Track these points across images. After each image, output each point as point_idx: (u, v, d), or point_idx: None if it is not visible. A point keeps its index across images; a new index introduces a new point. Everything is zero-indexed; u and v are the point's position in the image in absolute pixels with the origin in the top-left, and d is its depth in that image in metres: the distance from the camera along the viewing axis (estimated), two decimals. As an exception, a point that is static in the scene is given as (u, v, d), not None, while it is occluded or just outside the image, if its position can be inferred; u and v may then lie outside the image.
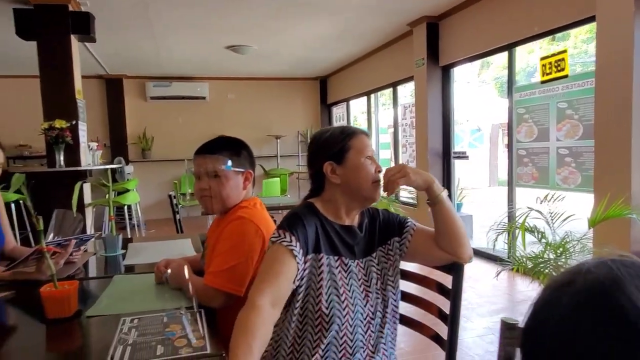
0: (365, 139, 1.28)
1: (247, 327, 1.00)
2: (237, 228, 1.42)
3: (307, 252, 1.18)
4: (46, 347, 1.20)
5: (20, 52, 5.70)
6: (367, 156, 1.25)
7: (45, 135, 4.04)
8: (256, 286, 1.10)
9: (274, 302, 1.08)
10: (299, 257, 1.15)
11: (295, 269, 1.15)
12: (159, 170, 8.29)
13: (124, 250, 2.13)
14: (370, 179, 1.25)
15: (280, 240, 1.16)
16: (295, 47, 6.46)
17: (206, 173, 1.50)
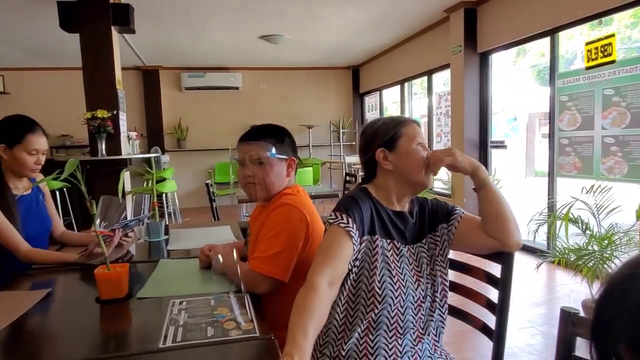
0: (417, 127, 1.32)
1: (305, 308, 1.02)
2: (281, 214, 1.43)
3: (362, 233, 1.21)
4: (100, 326, 1.25)
5: (64, 44, 5.89)
6: (418, 143, 1.28)
7: (88, 124, 4.17)
8: (314, 266, 1.13)
9: (331, 282, 1.10)
10: (355, 238, 1.18)
11: (352, 249, 1.17)
12: (193, 159, 8.45)
13: (166, 236, 2.18)
14: (422, 165, 1.27)
15: (338, 222, 1.19)
16: (328, 36, 6.43)
17: (250, 160, 1.52)
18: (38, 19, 5.00)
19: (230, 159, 8.00)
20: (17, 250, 1.74)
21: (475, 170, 1.27)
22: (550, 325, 2.92)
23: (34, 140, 1.83)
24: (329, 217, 1.22)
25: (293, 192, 1.53)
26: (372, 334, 1.21)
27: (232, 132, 8.50)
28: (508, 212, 1.25)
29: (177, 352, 1.00)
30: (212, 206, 3.67)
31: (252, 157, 1.51)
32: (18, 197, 1.86)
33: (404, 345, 1.22)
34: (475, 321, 1.34)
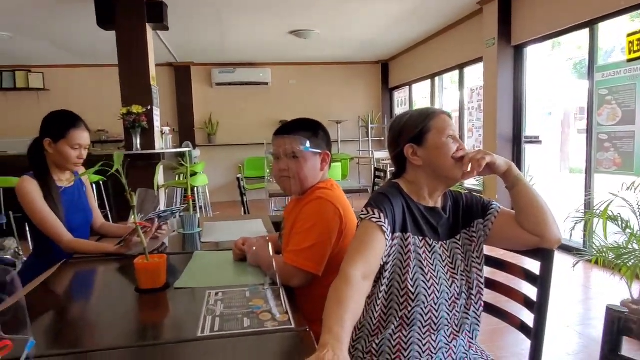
0: (447, 119, 1.27)
1: (340, 299, 1.01)
2: (315, 208, 1.44)
3: (394, 230, 1.20)
4: (139, 315, 1.28)
5: (100, 42, 6.06)
6: (448, 135, 1.24)
7: (124, 120, 4.28)
8: (347, 259, 1.12)
9: (365, 275, 1.10)
10: (387, 234, 1.17)
11: (384, 244, 1.16)
12: (223, 154, 8.57)
13: (200, 229, 2.23)
14: (453, 159, 1.23)
15: (369, 217, 1.18)
16: (358, 31, 6.39)
17: (285, 154, 1.53)
18: (76, 18, 5.16)
19: (265, 153, 8.10)
20: (60, 240, 1.81)
21: (510, 167, 1.23)
22: (587, 325, 2.84)
23: (77, 135, 1.89)
24: (361, 213, 1.21)
25: (327, 186, 1.53)
26: (406, 330, 1.21)
27: (261, 127, 8.59)
28: (545, 206, 1.22)
29: (215, 341, 1.02)
30: (243, 200, 3.71)
31: (287, 151, 1.52)
32: (62, 189, 1.93)
33: (438, 342, 1.21)
34: (512, 319, 1.31)
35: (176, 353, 1.00)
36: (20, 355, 0.87)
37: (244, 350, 1.00)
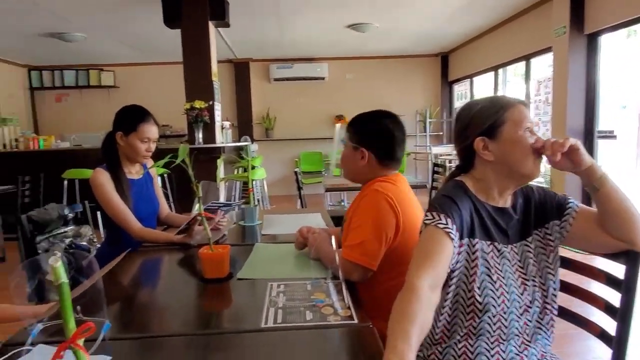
0: (524, 109, 1.14)
1: (405, 312, 0.92)
2: (371, 202, 1.44)
3: (462, 235, 1.10)
4: (204, 304, 1.32)
5: (166, 41, 6.32)
6: (526, 128, 1.12)
7: (187, 115, 4.44)
8: (412, 269, 1.03)
9: (433, 285, 1.00)
10: (455, 240, 1.07)
11: (452, 251, 1.07)
12: (280, 148, 8.69)
13: (260, 221, 2.26)
14: (531, 154, 1.11)
15: (435, 223, 1.08)
16: (417, 23, 6.24)
17: (345, 143, 1.56)
18: (145, 18, 5.40)
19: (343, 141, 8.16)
20: (130, 228, 1.90)
21: (592, 164, 1.09)
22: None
23: (146, 129, 1.98)
24: (425, 218, 1.11)
25: (389, 179, 1.50)
26: (472, 339, 1.12)
27: (317, 121, 8.64)
28: (634, 210, 1.09)
29: (278, 332, 1.02)
30: (300, 194, 3.74)
31: (345, 139, 1.57)
32: (131, 181, 2.03)
33: (507, 352, 1.12)
34: (590, 326, 1.22)
35: (240, 343, 1.01)
36: (97, 336, 0.92)
37: (306, 344, 1.00)
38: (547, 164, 1.14)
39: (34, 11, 5.13)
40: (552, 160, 1.09)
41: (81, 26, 5.85)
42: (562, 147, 1.06)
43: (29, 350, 0.97)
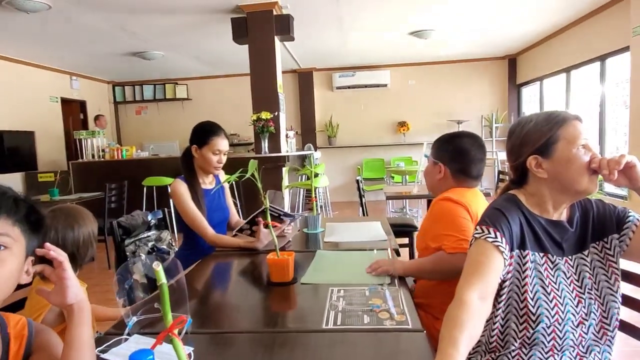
0: (578, 125, 1.13)
1: (454, 320, 0.97)
2: (439, 207, 1.55)
3: (512, 248, 1.13)
4: (271, 305, 1.44)
5: (234, 55, 6.68)
6: (581, 145, 1.10)
7: (254, 125, 4.68)
8: (462, 281, 1.07)
9: (483, 297, 1.04)
10: (505, 253, 1.10)
11: (502, 264, 1.10)
12: (342, 155, 8.82)
13: (322, 229, 2.37)
14: (586, 172, 1.10)
15: (485, 237, 1.11)
16: (482, 26, 6.12)
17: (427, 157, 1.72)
18: (216, 35, 5.78)
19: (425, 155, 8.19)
20: (205, 234, 2.08)
21: None
22: None
23: (217, 142, 2.17)
24: (475, 232, 1.15)
25: (460, 190, 1.60)
26: (526, 348, 1.14)
27: (379, 128, 8.68)
28: None
29: (337, 334, 1.12)
30: (362, 201, 3.82)
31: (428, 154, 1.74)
32: (205, 190, 2.22)
33: None
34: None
35: (304, 342, 1.12)
36: (181, 330, 1.06)
37: (364, 346, 1.08)
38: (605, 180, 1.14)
39: (121, 35, 5.66)
40: (609, 179, 1.08)
41: (160, 45, 6.34)
42: (618, 164, 1.06)
43: (127, 339, 1.14)
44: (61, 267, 0.84)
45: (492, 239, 1.10)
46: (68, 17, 4.83)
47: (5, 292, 0.78)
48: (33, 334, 0.87)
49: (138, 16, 4.95)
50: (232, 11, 4.78)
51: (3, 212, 0.77)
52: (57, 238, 1.33)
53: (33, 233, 0.83)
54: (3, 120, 6.48)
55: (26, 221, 0.81)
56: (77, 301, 0.85)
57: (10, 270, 0.78)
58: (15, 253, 0.79)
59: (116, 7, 4.62)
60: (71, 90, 8.03)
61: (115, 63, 7.40)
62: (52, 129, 7.51)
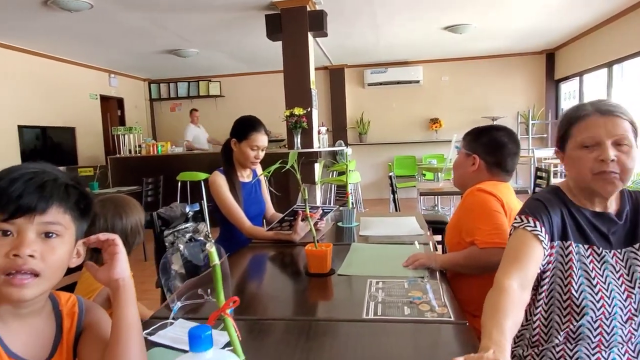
0: (593, 122, 1.09)
1: (496, 307, 0.97)
2: (471, 199, 1.53)
3: (552, 238, 1.13)
4: (309, 295, 1.46)
5: (267, 52, 6.74)
6: (584, 146, 1.10)
7: (287, 121, 4.72)
8: (502, 270, 1.08)
9: (523, 285, 1.04)
10: (545, 242, 1.11)
11: (542, 253, 1.10)
12: (373, 152, 8.78)
13: (356, 223, 2.37)
14: (589, 173, 1.09)
15: (524, 226, 1.12)
16: (519, 20, 5.97)
17: (459, 149, 1.70)
18: (249, 32, 5.84)
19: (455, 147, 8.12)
20: (242, 226, 2.12)
21: None
22: None
23: (256, 137, 2.19)
24: (514, 221, 1.16)
25: (488, 184, 1.55)
26: (571, 343, 1.12)
27: (411, 125, 8.59)
28: None
29: (378, 324, 1.12)
30: (395, 197, 3.80)
31: (459, 146, 1.71)
32: (243, 183, 2.25)
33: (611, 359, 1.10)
34: None
35: (344, 331, 1.12)
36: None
37: (405, 336, 1.08)
38: None
39: (159, 32, 5.80)
40: None
41: (195, 43, 6.47)
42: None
43: (172, 323, 1.17)
44: (113, 244, 0.86)
45: (531, 228, 1.11)
46: (108, 16, 4.99)
47: (56, 277, 0.82)
48: (84, 311, 0.91)
49: (175, 14, 5.05)
50: (267, 8, 4.82)
51: (55, 200, 0.79)
52: (107, 226, 1.39)
53: (82, 218, 0.85)
54: (46, 116, 6.75)
55: (76, 208, 0.83)
56: (123, 277, 0.86)
57: (60, 257, 0.80)
58: (66, 240, 0.81)
59: (155, 6, 4.73)
60: (109, 87, 8.28)
61: (152, 61, 7.59)
62: (91, 125, 7.77)
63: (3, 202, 0.75)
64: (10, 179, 0.77)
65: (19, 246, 0.75)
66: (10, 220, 0.75)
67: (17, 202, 0.75)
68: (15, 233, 0.76)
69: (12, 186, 0.76)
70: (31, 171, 0.79)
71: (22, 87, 6.33)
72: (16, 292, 0.75)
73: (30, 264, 0.76)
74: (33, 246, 0.76)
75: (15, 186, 0.76)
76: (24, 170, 0.79)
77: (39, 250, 0.77)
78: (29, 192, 0.76)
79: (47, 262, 0.78)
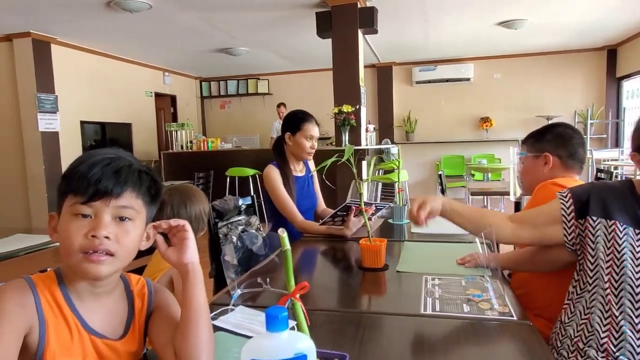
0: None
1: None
2: (549, 189, 1.45)
3: (584, 214, 1.18)
4: (364, 288, 1.46)
5: (315, 50, 6.79)
6: None
7: (335, 118, 4.73)
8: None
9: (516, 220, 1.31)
10: (565, 217, 1.21)
11: (561, 225, 1.21)
12: (419, 151, 8.64)
13: (408, 220, 2.34)
14: None
15: (560, 196, 1.24)
16: (579, 14, 5.69)
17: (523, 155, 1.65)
18: (299, 31, 5.90)
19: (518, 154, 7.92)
20: (294, 220, 2.15)
21: None
22: None
23: (309, 127, 2.24)
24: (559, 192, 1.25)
25: (562, 180, 1.50)
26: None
27: (460, 124, 8.39)
28: None
29: (437, 319, 1.11)
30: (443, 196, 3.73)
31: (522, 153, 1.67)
32: (296, 177, 2.29)
33: None
34: None
35: (402, 325, 1.12)
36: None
37: (465, 333, 1.06)
38: None
39: (212, 32, 5.97)
40: None
41: (246, 41, 6.61)
42: None
43: (232, 309, 1.21)
44: (183, 229, 0.89)
45: (562, 200, 1.22)
46: (165, 16, 5.18)
47: (129, 258, 0.86)
48: (152, 293, 0.95)
49: (228, 13, 5.18)
50: (317, 5, 4.85)
51: (129, 185, 0.83)
52: (173, 213, 1.45)
53: (152, 203, 0.89)
54: (105, 113, 7.10)
55: (148, 193, 0.87)
56: (192, 262, 0.89)
57: (133, 239, 0.85)
58: (137, 224, 0.85)
59: (209, 5, 4.87)
60: (164, 85, 8.61)
61: (204, 59, 7.81)
62: (146, 122, 8.11)
63: (83, 186, 0.79)
64: (90, 164, 0.81)
65: (96, 228, 0.79)
66: (89, 203, 0.80)
67: (96, 186, 0.79)
68: (93, 215, 0.81)
69: (91, 171, 0.80)
70: (108, 157, 0.84)
71: (84, 85, 6.70)
72: (93, 268, 0.80)
73: (106, 245, 0.80)
74: (109, 228, 0.80)
75: (94, 171, 0.80)
76: (101, 156, 0.83)
77: (113, 232, 0.81)
78: (106, 177, 0.81)
79: (121, 243, 0.82)
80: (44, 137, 5.93)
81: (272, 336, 0.58)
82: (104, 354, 0.86)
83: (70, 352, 0.82)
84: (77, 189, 0.80)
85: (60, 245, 0.82)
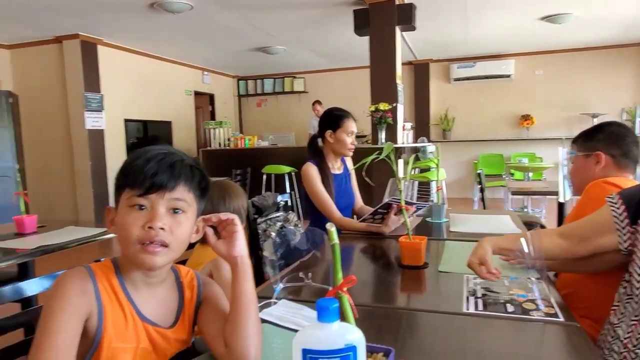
0: None
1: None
2: (601, 187, 1.41)
3: (635, 219, 1.14)
4: (405, 286, 1.46)
5: (352, 47, 6.78)
6: None
7: (372, 116, 4.72)
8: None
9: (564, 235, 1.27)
10: (618, 224, 1.16)
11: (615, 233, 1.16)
12: (456, 150, 8.48)
13: (446, 219, 2.32)
14: None
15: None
16: (627, 7, 5.44)
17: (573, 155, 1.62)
18: (335, 29, 5.91)
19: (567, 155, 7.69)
20: (332, 216, 2.17)
21: None
22: None
23: (349, 123, 2.26)
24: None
25: (615, 179, 1.45)
26: None
27: (499, 122, 8.18)
28: None
29: (480, 319, 1.10)
30: (483, 196, 3.66)
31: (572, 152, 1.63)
32: (334, 175, 2.30)
33: None
34: None
35: (445, 323, 1.11)
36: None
37: (510, 333, 1.05)
38: None
39: (250, 31, 6.07)
40: None
41: (283, 40, 6.67)
42: None
43: (275, 302, 1.23)
44: (232, 223, 0.92)
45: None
46: (206, 16, 5.30)
47: (181, 249, 0.90)
48: (201, 285, 0.99)
49: (266, 12, 5.25)
50: (355, 3, 4.84)
51: (182, 179, 0.87)
52: (212, 208, 1.48)
53: (202, 197, 0.93)
54: (147, 111, 7.33)
55: (198, 187, 0.91)
56: (242, 255, 0.91)
57: (185, 231, 0.88)
58: (189, 216, 0.89)
59: (249, 5, 4.95)
60: (202, 84, 8.80)
61: (242, 58, 7.94)
62: (186, 120, 8.32)
63: (140, 179, 0.84)
64: (146, 159, 0.86)
65: (152, 219, 0.84)
66: (145, 196, 0.84)
67: (152, 179, 0.84)
68: (149, 207, 0.85)
69: (147, 165, 0.84)
70: (162, 152, 0.88)
71: (128, 84, 6.94)
72: (149, 258, 0.84)
73: (161, 236, 0.84)
74: (164, 220, 0.84)
75: (149, 165, 0.84)
76: (156, 152, 0.87)
77: (168, 224, 0.85)
78: (161, 170, 0.85)
79: (175, 235, 0.86)
80: (90, 134, 6.19)
81: (323, 327, 0.60)
82: (155, 340, 0.90)
83: (125, 337, 0.87)
84: (134, 182, 0.84)
85: (119, 236, 0.86)
